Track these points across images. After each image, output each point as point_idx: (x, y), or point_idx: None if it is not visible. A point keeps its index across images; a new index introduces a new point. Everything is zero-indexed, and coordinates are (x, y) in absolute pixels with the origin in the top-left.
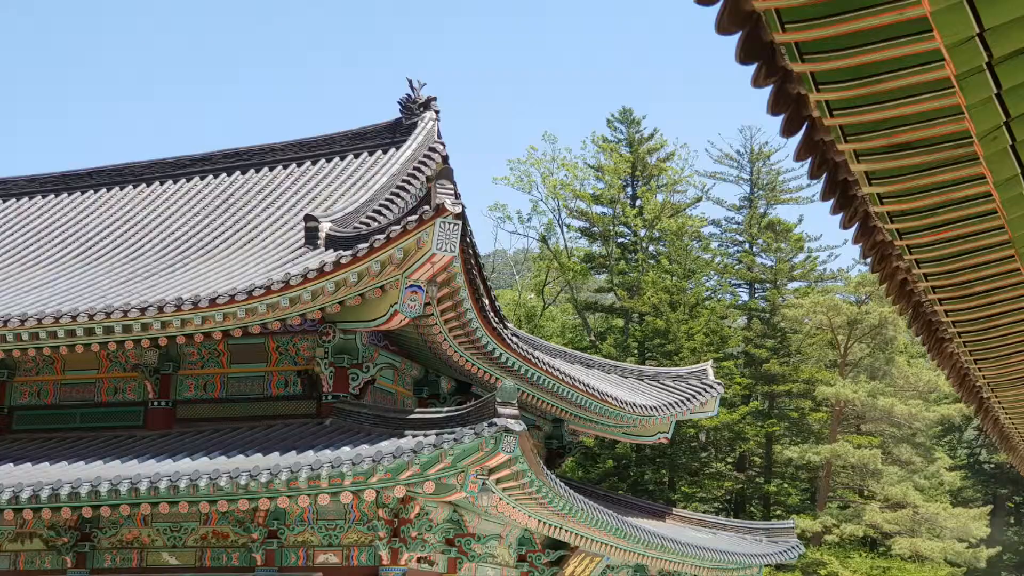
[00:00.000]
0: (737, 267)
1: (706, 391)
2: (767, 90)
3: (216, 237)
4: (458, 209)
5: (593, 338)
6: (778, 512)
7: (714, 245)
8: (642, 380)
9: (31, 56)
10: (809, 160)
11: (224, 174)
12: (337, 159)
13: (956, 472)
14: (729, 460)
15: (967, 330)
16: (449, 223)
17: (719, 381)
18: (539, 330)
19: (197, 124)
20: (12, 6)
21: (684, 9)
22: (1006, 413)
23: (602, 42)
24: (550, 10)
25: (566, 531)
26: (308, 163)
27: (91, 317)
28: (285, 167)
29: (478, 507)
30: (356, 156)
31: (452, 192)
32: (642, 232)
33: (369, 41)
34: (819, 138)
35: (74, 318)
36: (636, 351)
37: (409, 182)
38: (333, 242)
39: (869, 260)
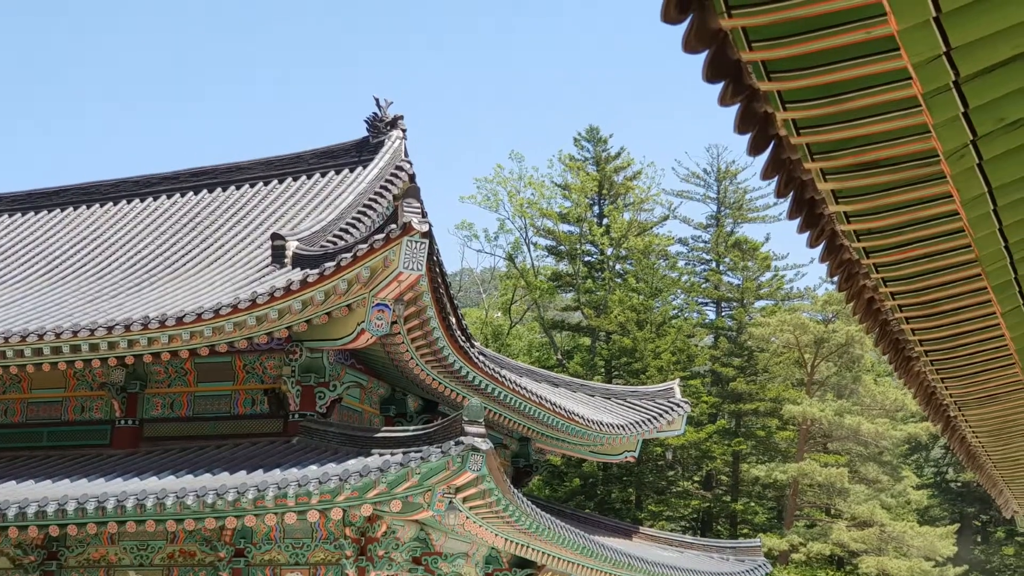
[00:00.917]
0: (704, 286)
1: (673, 410)
2: (734, 109)
3: (183, 256)
4: (425, 228)
5: (560, 357)
6: (745, 531)
7: (681, 264)
8: (609, 399)
9: None
10: (776, 178)
11: (191, 193)
12: (304, 178)
13: (923, 490)
14: (696, 479)
15: (934, 349)
16: (416, 242)
17: (686, 400)
18: (506, 349)
19: (164, 143)
20: None
21: (651, 27)
22: (973, 432)
23: (569, 61)
24: (517, 29)
25: (533, 550)
26: (275, 182)
27: (58, 336)
28: (252, 186)
29: (445, 526)
30: (323, 175)
31: (419, 211)
32: (609, 251)
33: (337, 59)
34: (786, 156)
35: (41, 336)
36: (603, 370)
37: (376, 201)
38: (300, 261)
39: (836, 278)
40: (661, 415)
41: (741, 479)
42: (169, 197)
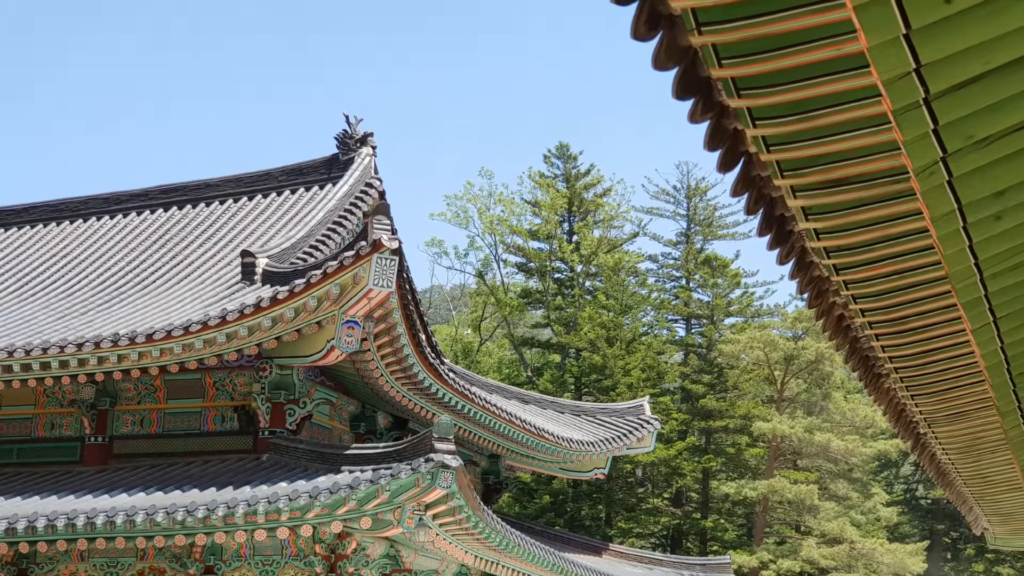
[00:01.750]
0: (674, 303)
1: (643, 427)
2: (704, 126)
3: (153, 273)
4: (395, 245)
5: (530, 374)
6: (715, 547)
7: (651, 280)
8: (579, 416)
9: None
10: (746, 196)
11: (161, 210)
12: (274, 195)
13: (893, 508)
14: (666, 495)
15: (904, 366)
16: (386, 259)
17: (656, 417)
18: (476, 366)
19: (134, 160)
20: None
21: (621, 44)
22: (943, 449)
23: (539, 77)
24: (487, 45)
25: (503, 567)
26: (245, 199)
27: (28, 353)
28: (222, 203)
29: (415, 543)
30: (293, 192)
31: (389, 228)
32: (579, 268)
33: (307, 76)
34: (756, 173)
35: (11, 353)
36: (573, 387)
37: (346, 217)
38: (270, 278)
39: (806, 295)
40: (631, 432)
41: (711, 496)
42: (139, 214)
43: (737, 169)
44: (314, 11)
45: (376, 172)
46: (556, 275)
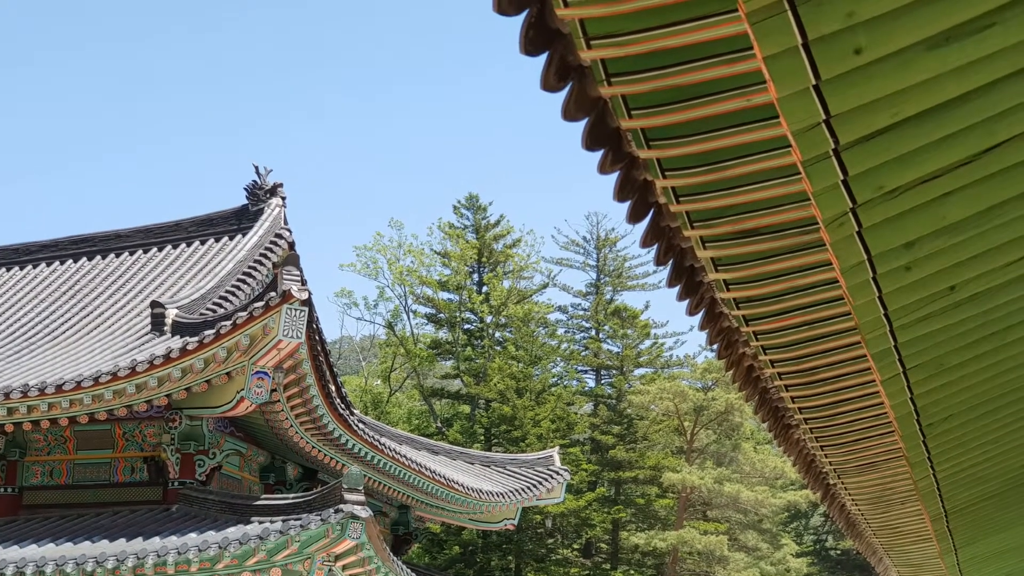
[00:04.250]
0: (583, 353)
1: (552, 477)
2: (614, 176)
3: (63, 323)
4: (304, 295)
5: (439, 424)
6: None
7: (560, 331)
8: (488, 466)
9: None
10: (655, 246)
11: (71, 260)
12: (184, 245)
13: (803, 558)
14: (575, 546)
15: (813, 416)
16: (295, 309)
17: (565, 467)
18: (386, 416)
19: (43, 211)
20: None
21: (531, 95)
22: (852, 499)
23: (449, 128)
24: (397, 96)
25: None
26: (155, 249)
27: None
28: (132, 253)
29: None
30: (203, 242)
31: (298, 278)
32: (488, 318)
33: (216, 127)
34: (665, 224)
35: None
36: (482, 437)
37: (256, 268)
38: (180, 328)
39: (715, 346)
40: (541, 483)
41: (621, 547)
42: (49, 265)
43: (647, 220)
44: (223, 61)
45: (286, 223)
46: (466, 326)
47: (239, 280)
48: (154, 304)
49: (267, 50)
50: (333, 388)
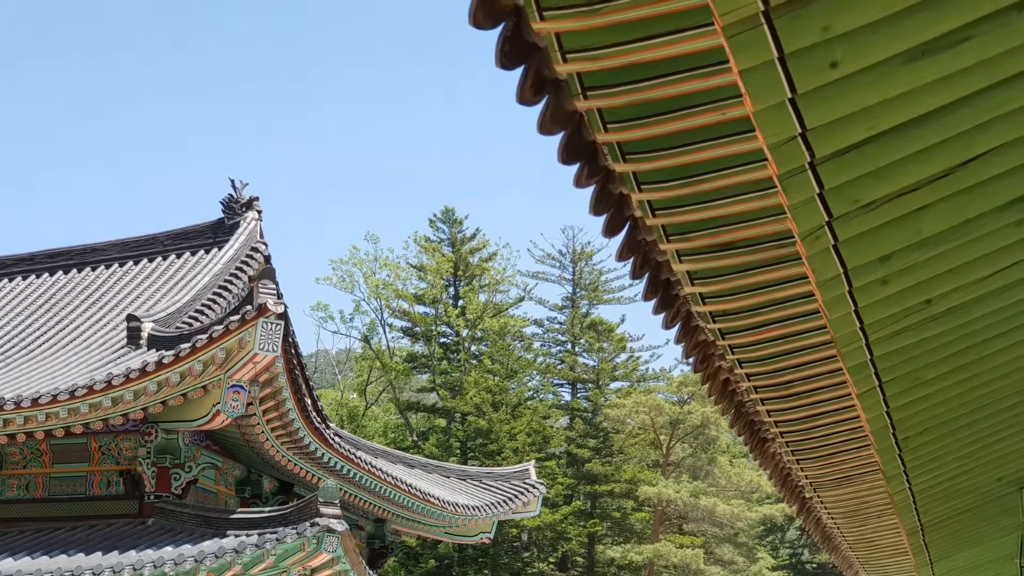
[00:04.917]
0: (560, 367)
1: (528, 491)
2: (590, 190)
3: (38, 337)
4: (280, 309)
5: (415, 438)
6: None
7: (536, 345)
8: (464, 480)
9: None
10: (631, 260)
11: (47, 274)
12: (160, 259)
13: (779, 572)
14: (551, 560)
15: (790, 430)
16: (271, 323)
17: (541, 481)
18: (361, 430)
19: (19, 224)
20: None
21: (507, 108)
22: (828, 513)
23: (425, 141)
24: (375, 110)
25: None
26: (131, 263)
27: None
28: (108, 267)
29: None
30: (179, 256)
31: (274, 292)
32: (464, 332)
33: (193, 141)
34: (641, 238)
35: None
36: (458, 451)
37: (231, 282)
38: (155, 342)
39: (692, 360)
40: (516, 496)
41: (597, 560)
42: (24, 278)
43: (623, 233)
44: (199, 75)
45: (262, 236)
46: (442, 339)
47: (215, 294)
48: (130, 318)
49: (244, 63)
50: (309, 401)
